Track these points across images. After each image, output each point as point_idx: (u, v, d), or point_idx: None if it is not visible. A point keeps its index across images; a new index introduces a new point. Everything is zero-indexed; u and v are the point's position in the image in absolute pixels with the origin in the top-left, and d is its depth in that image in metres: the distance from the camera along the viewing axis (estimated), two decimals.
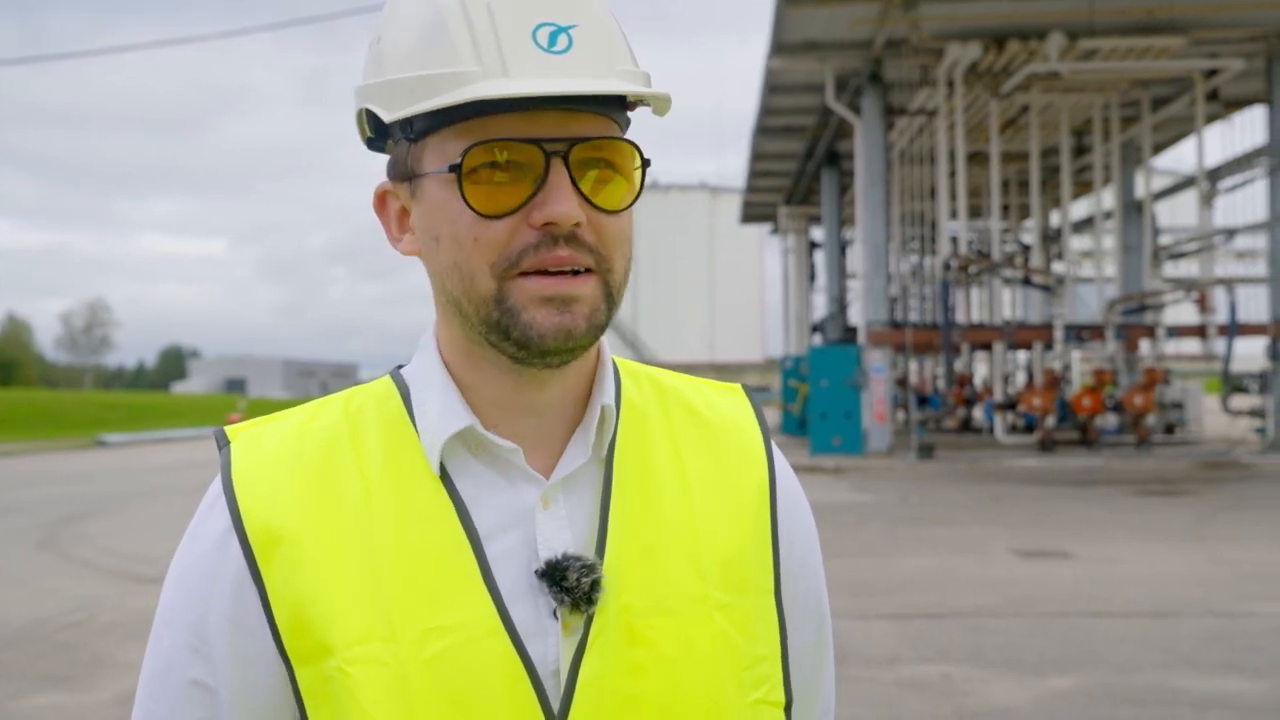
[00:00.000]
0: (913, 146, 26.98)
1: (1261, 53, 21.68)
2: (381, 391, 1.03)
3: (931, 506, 14.32)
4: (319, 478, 0.97)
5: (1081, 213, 32.52)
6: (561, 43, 0.91)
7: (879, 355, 21.95)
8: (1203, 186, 22.58)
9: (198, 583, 0.97)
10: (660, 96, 0.95)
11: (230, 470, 0.99)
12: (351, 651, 0.91)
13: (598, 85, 0.90)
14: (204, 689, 0.95)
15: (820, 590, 1.13)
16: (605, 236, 0.94)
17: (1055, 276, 23.62)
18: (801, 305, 40.16)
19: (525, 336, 0.92)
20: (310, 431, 1.01)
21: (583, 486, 0.99)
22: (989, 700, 5.82)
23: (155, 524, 14.41)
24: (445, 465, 0.97)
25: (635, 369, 1.09)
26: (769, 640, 1.01)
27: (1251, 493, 15.53)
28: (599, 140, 0.93)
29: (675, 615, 0.96)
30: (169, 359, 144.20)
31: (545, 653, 0.93)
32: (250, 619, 0.94)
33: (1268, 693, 5.85)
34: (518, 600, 0.93)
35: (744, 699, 0.98)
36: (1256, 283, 26.08)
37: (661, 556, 0.98)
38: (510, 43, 0.91)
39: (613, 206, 0.94)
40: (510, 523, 0.96)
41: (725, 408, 1.10)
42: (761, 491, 1.05)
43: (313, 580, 0.93)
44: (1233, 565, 9.69)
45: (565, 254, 0.91)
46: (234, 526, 0.96)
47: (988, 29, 20.80)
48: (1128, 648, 6.83)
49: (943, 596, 8.45)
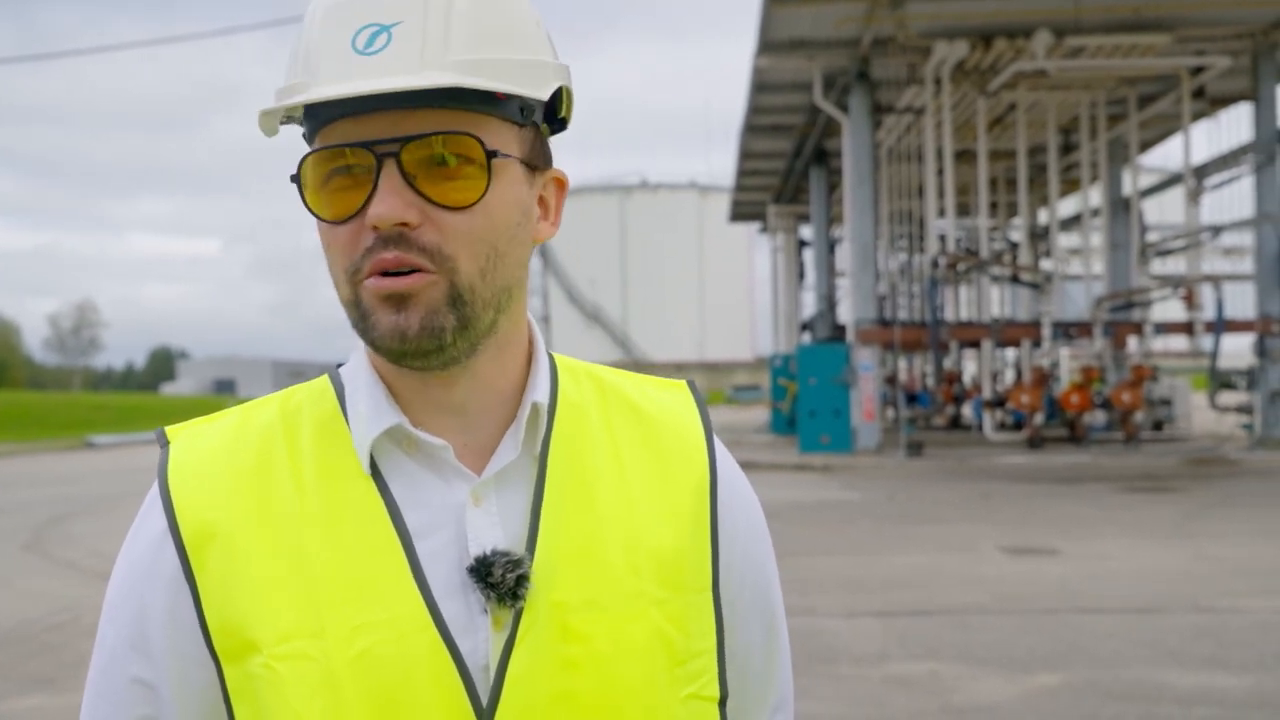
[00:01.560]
0: (900, 145, 27.03)
1: (1248, 50, 21.77)
2: (318, 390, 1.03)
3: (920, 504, 14.34)
4: (252, 476, 0.98)
5: (1069, 210, 32.62)
6: (380, 42, 0.90)
7: (868, 353, 21.99)
8: (1189, 184, 22.67)
9: (137, 581, 0.98)
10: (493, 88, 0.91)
11: (167, 469, 1.00)
12: (279, 649, 0.92)
13: (397, 81, 0.87)
14: (145, 686, 0.96)
15: (767, 586, 1.12)
16: (447, 234, 0.92)
17: (1043, 274, 23.69)
18: (790, 304, 40.21)
19: (373, 339, 0.93)
20: (247, 430, 1.01)
21: (516, 483, 0.98)
22: (976, 697, 5.83)
23: None
24: (378, 463, 0.97)
25: (575, 366, 1.09)
26: (705, 636, 1.01)
27: (1239, 489, 15.58)
28: (432, 136, 0.90)
29: (609, 611, 0.96)
30: (158, 360, 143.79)
31: (476, 648, 0.93)
32: (185, 617, 0.95)
33: (1253, 688, 5.87)
34: (448, 597, 0.94)
35: (678, 694, 0.98)
36: (1243, 279, 26.20)
37: (596, 552, 0.98)
38: (328, 49, 0.91)
39: (453, 203, 0.91)
40: (441, 520, 0.96)
41: (668, 404, 1.10)
42: (701, 488, 1.05)
43: (242, 578, 0.94)
44: (1220, 561, 9.72)
45: (391, 256, 0.90)
46: (169, 526, 0.96)
47: (974, 27, 20.85)
48: (1115, 644, 6.84)
49: (931, 594, 8.46)
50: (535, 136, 0.98)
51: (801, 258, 39.80)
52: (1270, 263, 22.02)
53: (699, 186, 74.82)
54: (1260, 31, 21.34)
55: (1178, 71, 21.98)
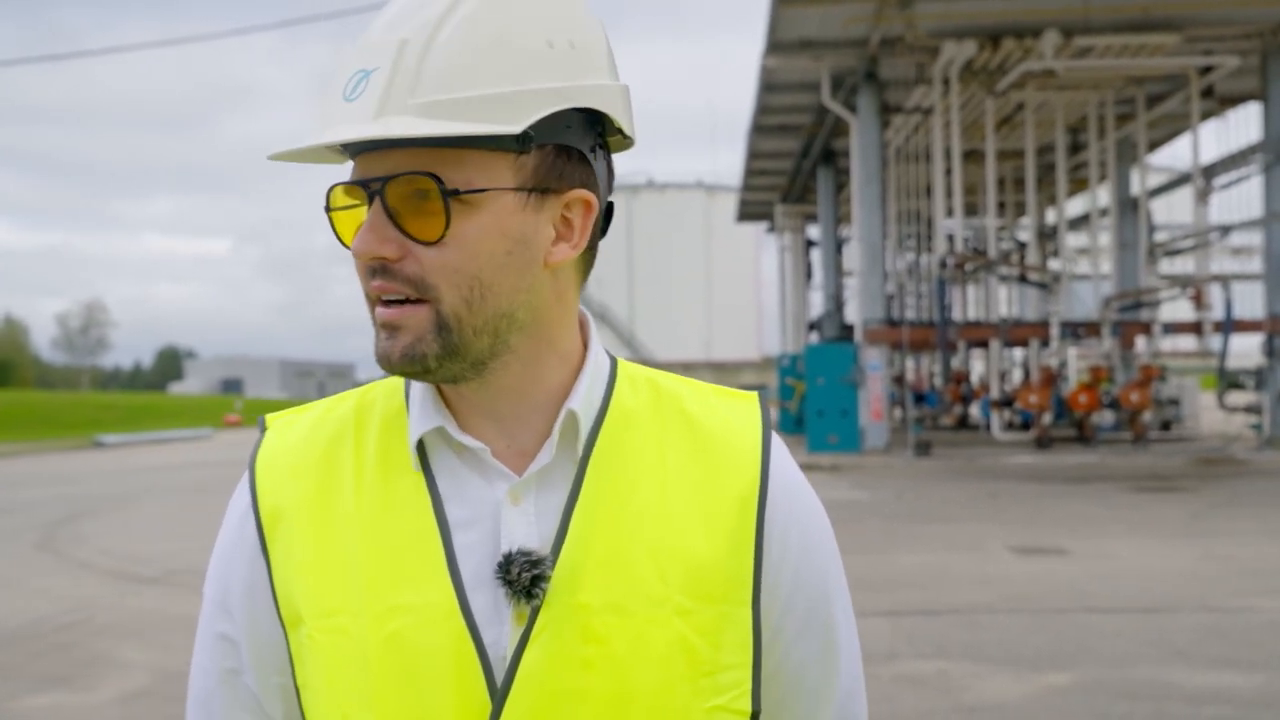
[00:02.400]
0: (908, 144, 27.02)
1: (1256, 49, 21.73)
2: (391, 388, 1.11)
3: (928, 503, 14.34)
4: (319, 465, 1.07)
5: (1077, 210, 32.56)
6: (361, 88, 0.95)
7: (876, 353, 21.98)
8: (1198, 183, 22.63)
9: (226, 550, 1.10)
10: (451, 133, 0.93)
11: (257, 453, 1.10)
12: (321, 623, 1.01)
13: (350, 132, 0.93)
14: (230, 642, 1.08)
15: (825, 602, 1.11)
16: (427, 267, 0.96)
17: (1051, 274, 23.67)
18: (798, 303, 40.19)
19: (376, 357, 1.02)
20: (326, 421, 1.11)
21: (556, 485, 1.02)
22: (986, 696, 5.85)
23: (152, 524, 14.43)
24: (430, 459, 1.04)
25: (637, 373, 1.11)
26: (739, 650, 1.02)
27: (1247, 489, 15.56)
28: (402, 176, 0.95)
29: (632, 616, 0.99)
30: (165, 359, 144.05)
31: (499, 639, 0.98)
32: (260, 585, 1.05)
33: (1262, 687, 5.88)
34: (479, 588, 0.99)
35: (701, 704, 1.00)
36: (1252, 279, 26.13)
37: (624, 558, 1.00)
38: (330, 96, 0.98)
39: (423, 238, 0.96)
40: (480, 515, 1.01)
41: (726, 414, 1.10)
42: (747, 500, 1.05)
43: (298, 556, 1.03)
44: (1228, 561, 9.72)
45: (376, 284, 0.98)
46: (252, 504, 1.07)
47: (983, 27, 20.83)
48: (1123, 643, 6.86)
49: (939, 593, 8.47)
50: (547, 160, 0.99)
51: (809, 257, 39.75)
52: (1279, 263, 21.98)
53: (705, 186, 74.71)
54: (1269, 31, 21.29)
55: (1186, 71, 21.94)
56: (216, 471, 24.01)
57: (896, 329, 22.85)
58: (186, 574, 10.16)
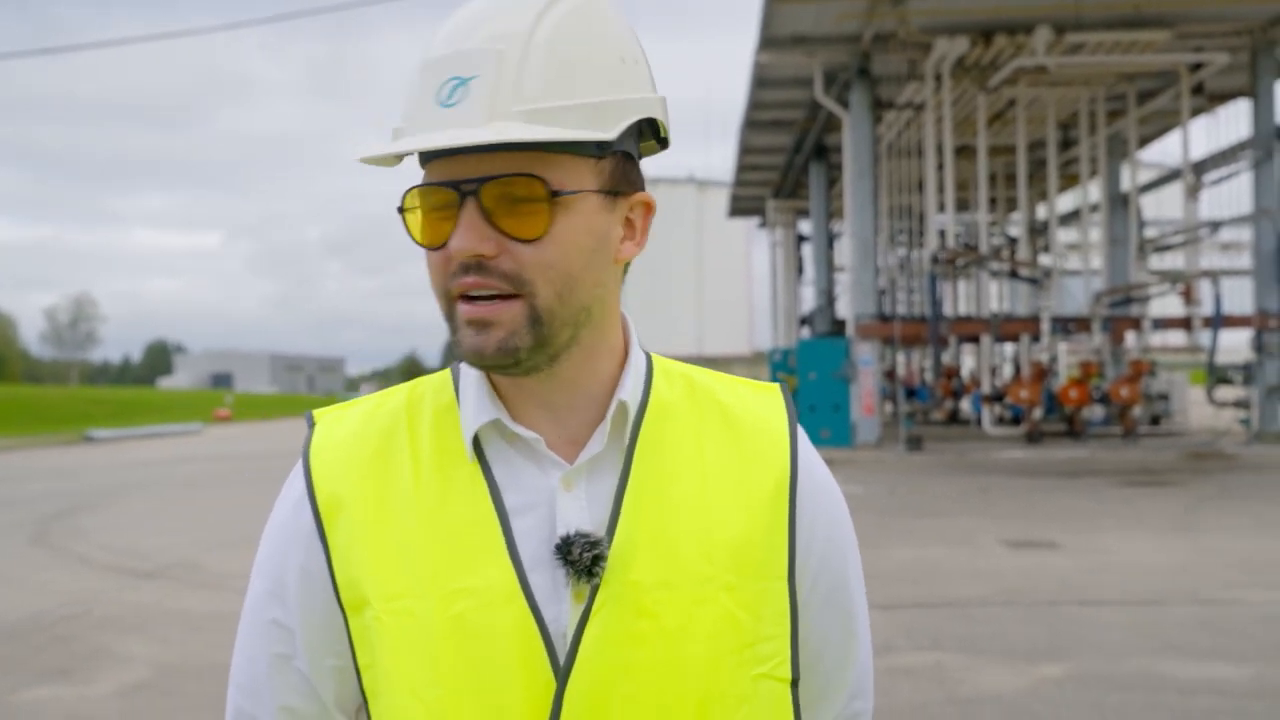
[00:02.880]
0: (900, 140, 27.08)
1: (1246, 46, 21.84)
2: (439, 382, 1.17)
3: (920, 498, 14.42)
4: (377, 455, 1.12)
5: (1068, 206, 32.68)
6: (458, 95, 1.01)
7: (867, 348, 22.06)
8: (1188, 179, 22.74)
9: (279, 538, 1.14)
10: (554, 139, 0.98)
11: (310, 445, 1.15)
12: (387, 605, 1.05)
13: (465, 136, 0.98)
14: (282, 628, 1.12)
15: (845, 583, 1.19)
16: (524, 263, 1.02)
17: (1042, 269, 23.75)
18: (789, 298, 40.26)
19: (459, 352, 1.06)
20: (377, 415, 1.16)
21: (605, 472, 1.09)
22: (981, 687, 5.91)
23: (147, 518, 14.43)
24: (483, 450, 1.10)
25: (671, 368, 1.19)
26: (778, 621, 1.10)
27: (1237, 483, 15.68)
28: (505, 178, 1.01)
29: (680, 592, 1.06)
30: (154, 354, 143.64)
31: (559, 617, 1.04)
32: (317, 571, 1.10)
33: (1254, 679, 5.95)
34: (537, 569, 1.05)
35: (746, 673, 1.08)
36: (1241, 275, 26.29)
37: (671, 538, 1.07)
38: (421, 100, 1.03)
39: (522, 236, 1.02)
40: (535, 501, 1.08)
41: (756, 405, 1.19)
42: (781, 483, 1.13)
43: (362, 543, 1.08)
44: (1219, 554, 9.81)
45: (471, 280, 1.02)
46: (307, 493, 1.12)
47: (975, 23, 20.90)
48: (1116, 635, 6.93)
49: (933, 586, 8.54)
50: (618, 165, 1.07)
51: (800, 252, 39.84)
52: (1268, 258, 22.11)
53: (697, 181, 74.73)
54: (1259, 28, 21.41)
55: (1177, 68, 22.04)
56: (209, 466, 23.99)
57: (888, 324, 22.93)
58: (183, 568, 10.19)
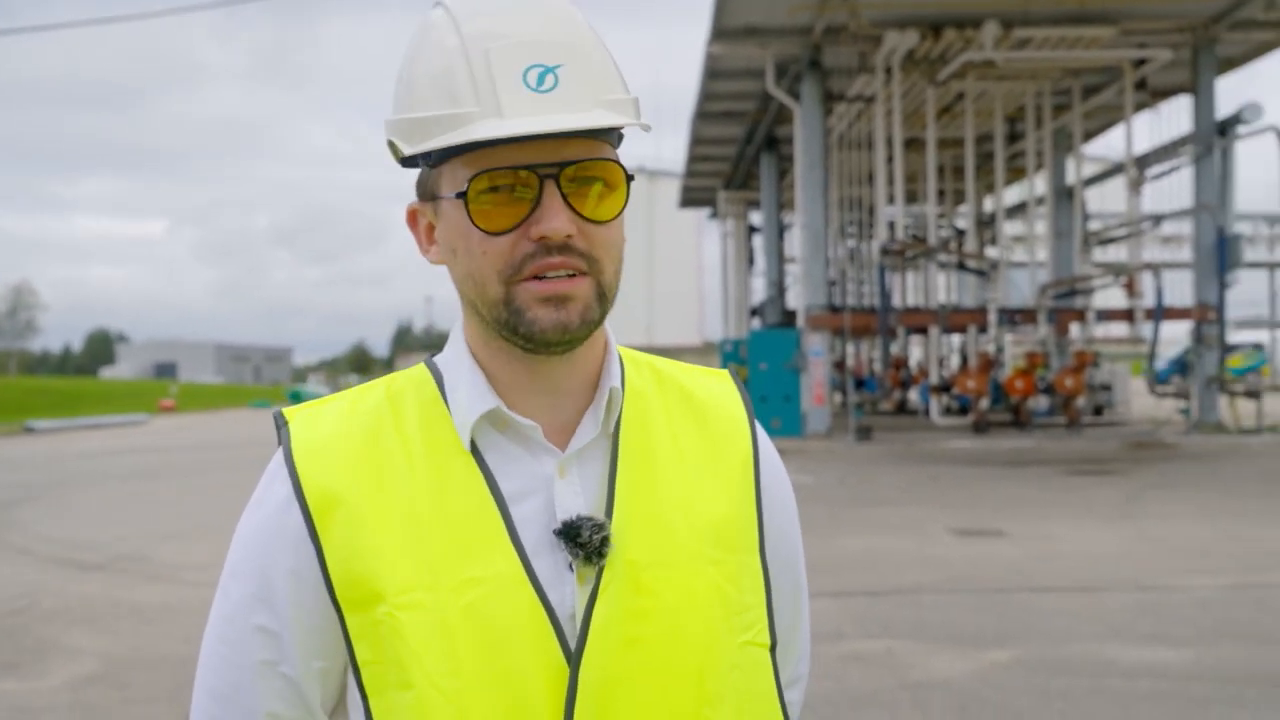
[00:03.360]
0: (851, 132, 27.27)
1: (1188, 43, 22.25)
2: (419, 377, 1.18)
3: (870, 487, 14.58)
4: (367, 451, 1.12)
5: (1014, 198, 33.11)
6: (549, 82, 1.04)
7: (818, 339, 22.22)
8: (1131, 173, 23.12)
9: (263, 541, 1.12)
10: (630, 125, 1.08)
11: (291, 445, 1.14)
12: (400, 599, 1.06)
13: (577, 121, 1.03)
14: (268, 633, 1.10)
15: (795, 551, 1.29)
16: (596, 243, 1.07)
17: (989, 261, 24.07)
18: (740, 289, 40.43)
19: (530, 332, 1.07)
20: (358, 412, 1.16)
21: (594, 458, 1.13)
22: (932, 672, 6.02)
23: (92, 511, 14.21)
24: (475, 440, 1.12)
25: (636, 357, 1.24)
26: (755, 591, 1.17)
27: (1177, 471, 16.02)
28: (586, 162, 1.06)
29: (675, 568, 1.11)
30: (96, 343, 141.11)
31: (563, 600, 1.07)
32: (307, 572, 1.09)
33: (1194, 662, 6.11)
34: (539, 555, 1.08)
35: (734, 640, 1.13)
36: (1182, 268, 26.78)
37: (661, 519, 1.12)
38: (504, 85, 1.04)
39: (601, 218, 1.08)
40: (532, 489, 1.11)
41: (715, 390, 1.25)
42: (746, 463, 1.20)
43: (365, 538, 1.08)
44: (1160, 541, 10.03)
45: (558, 260, 1.05)
46: (295, 493, 1.10)
47: (925, 17, 21.10)
48: (1062, 621, 7.08)
49: (884, 574, 8.66)
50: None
51: (751, 243, 40.01)
52: (1207, 252, 22.55)
53: (648, 171, 74.73)
54: (1200, 26, 21.81)
55: (1121, 64, 22.41)
56: (155, 457, 23.66)
57: (839, 315, 23.11)
58: (132, 560, 10.06)
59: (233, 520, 1.21)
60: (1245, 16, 21.17)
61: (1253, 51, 23.44)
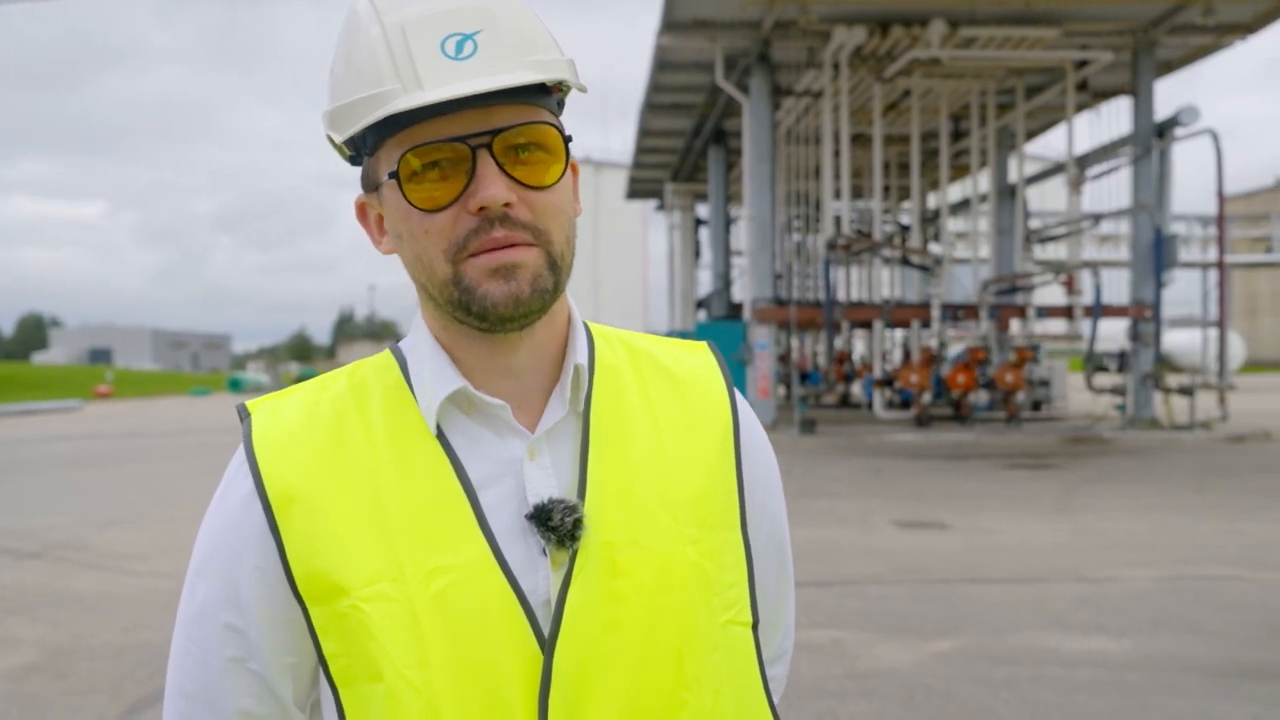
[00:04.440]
0: (799, 126, 27.44)
1: (1129, 46, 22.66)
2: (382, 363, 1.16)
3: (815, 480, 14.69)
4: (330, 442, 1.10)
5: (958, 195, 33.53)
6: (467, 49, 1.02)
7: (764, 331, 22.35)
8: (1071, 172, 23.50)
9: (227, 539, 1.10)
10: (556, 81, 1.06)
11: (252, 439, 1.11)
12: (365, 591, 1.03)
13: (497, 81, 1.00)
14: (235, 631, 1.08)
15: (781, 527, 1.27)
16: (539, 210, 1.05)
17: (933, 257, 24.35)
18: (686, 281, 40.54)
19: (481, 308, 1.05)
20: (321, 402, 1.14)
21: (564, 438, 1.11)
22: (878, 661, 6.10)
23: (26, 498, 13.92)
24: (441, 425, 1.09)
25: (608, 332, 1.22)
26: (737, 569, 1.15)
27: (1113, 466, 16.34)
28: (518, 127, 1.03)
29: (651, 549, 1.09)
30: (27, 328, 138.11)
31: (536, 585, 1.05)
32: (271, 568, 1.07)
33: (1131, 651, 6.26)
34: (510, 541, 1.06)
35: (715, 620, 1.11)
36: (1119, 266, 27.30)
37: (636, 498, 1.10)
38: (421, 57, 1.02)
39: (541, 183, 1.05)
40: (501, 472, 1.08)
41: (693, 364, 1.23)
42: (726, 438, 1.18)
43: (327, 532, 1.06)
44: (1097, 534, 10.23)
45: (501, 234, 1.03)
46: (256, 489, 1.08)
47: (873, 14, 21.27)
48: (1003, 611, 7.20)
49: (829, 565, 8.75)
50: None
51: (698, 236, 40.12)
52: (1144, 251, 23.00)
53: (594, 162, 74.61)
54: (1141, 29, 22.23)
55: (1063, 64, 22.76)
56: (90, 444, 23.22)
57: (785, 308, 23.26)
58: (70, 548, 9.87)
59: (172, 507, 1.19)
60: (1184, 21, 21.60)
61: (1191, 55, 23.93)
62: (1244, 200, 58.79)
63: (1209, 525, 10.65)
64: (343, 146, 1.10)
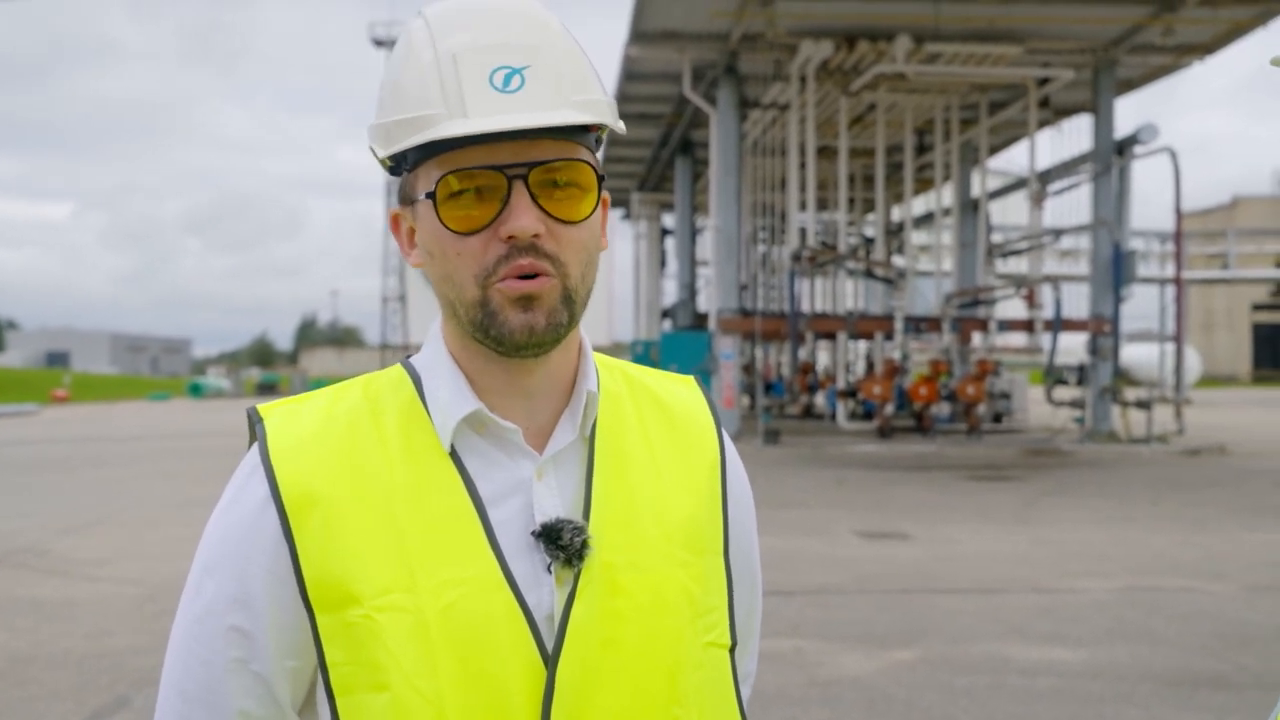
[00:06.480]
0: (765, 138, 27.61)
1: (1090, 64, 23.01)
2: (396, 378, 1.19)
3: (779, 490, 14.75)
4: (346, 452, 1.12)
5: (922, 209, 33.83)
6: (515, 83, 1.06)
7: (729, 342, 22.45)
8: (1033, 188, 23.80)
9: (239, 541, 1.11)
10: (598, 123, 1.11)
11: (267, 444, 1.13)
12: (377, 601, 1.06)
13: (539, 119, 1.05)
14: (242, 633, 1.10)
15: (754, 553, 1.33)
16: (563, 244, 1.09)
17: (896, 270, 24.55)
18: (652, 290, 40.66)
19: (500, 334, 1.09)
20: (336, 413, 1.16)
21: (570, 461, 1.16)
22: (840, 670, 6.16)
23: None
24: (454, 443, 1.13)
25: (609, 362, 1.27)
26: (719, 593, 1.20)
27: (1071, 478, 16.54)
28: (555, 162, 1.08)
29: (648, 570, 1.13)
30: None
31: (540, 601, 1.09)
32: (284, 574, 1.09)
33: (1088, 660, 6.36)
34: (517, 557, 1.10)
35: (699, 640, 1.16)
36: (1079, 281, 27.64)
37: (636, 521, 1.15)
38: (470, 87, 1.06)
39: (571, 218, 1.09)
40: (510, 492, 1.12)
41: (684, 396, 1.29)
42: (714, 469, 1.24)
43: (341, 540, 1.08)
44: (1056, 545, 10.37)
45: (525, 262, 1.07)
46: (271, 493, 1.10)
47: (840, 28, 21.48)
48: (964, 621, 7.29)
49: (793, 575, 8.81)
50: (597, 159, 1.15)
51: (664, 246, 40.24)
52: (1104, 266, 23.31)
53: None
54: (1101, 48, 22.59)
55: (1026, 81, 23.07)
56: (48, 449, 22.93)
57: (750, 319, 23.37)
58: (31, 554, 9.77)
59: (132, 513, 1.20)
60: (1144, 41, 21.97)
61: (1150, 74, 24.34)
62: (1200, 217, 59.74)
63: (1165, 537, 10.82)
64: (385, 159, 1.14)
